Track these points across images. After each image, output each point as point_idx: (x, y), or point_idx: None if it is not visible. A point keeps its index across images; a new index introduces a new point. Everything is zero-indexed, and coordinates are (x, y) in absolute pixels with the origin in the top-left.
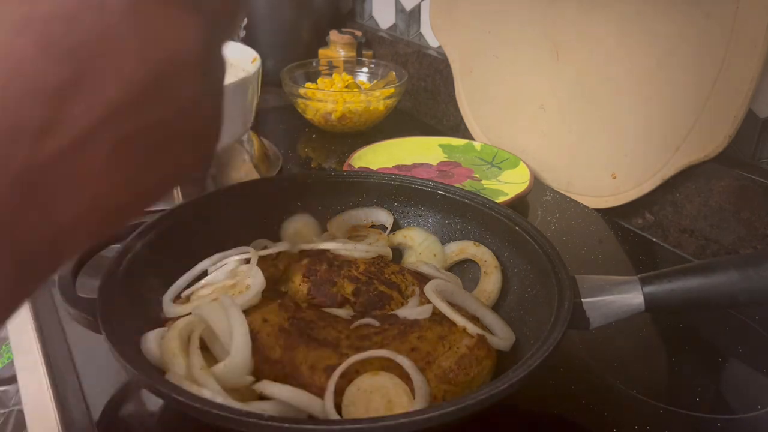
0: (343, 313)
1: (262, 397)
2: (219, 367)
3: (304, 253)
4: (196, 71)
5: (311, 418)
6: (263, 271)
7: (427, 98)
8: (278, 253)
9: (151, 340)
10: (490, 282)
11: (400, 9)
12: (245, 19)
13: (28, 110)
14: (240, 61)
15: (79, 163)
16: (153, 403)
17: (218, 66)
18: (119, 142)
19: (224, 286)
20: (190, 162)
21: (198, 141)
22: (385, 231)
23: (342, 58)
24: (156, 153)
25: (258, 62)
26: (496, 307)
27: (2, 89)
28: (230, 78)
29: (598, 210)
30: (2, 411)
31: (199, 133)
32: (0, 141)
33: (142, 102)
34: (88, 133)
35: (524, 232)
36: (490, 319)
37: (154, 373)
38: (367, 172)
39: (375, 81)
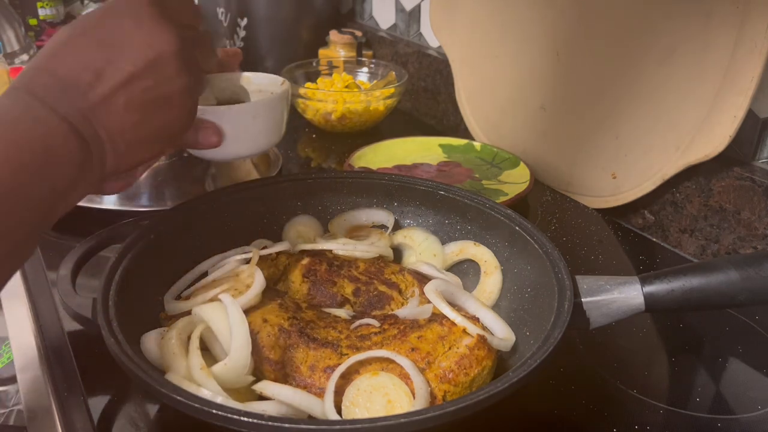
0: (343, 313)
1: (262, 397)
2: (219, 367)
3: (304, 253)
4: (173, 62)
5: (311, 418)
6: (263, 271)
7: (427, 98)
8: (278, 253)
9: (151, 340)
10: (490, 282)
11: (400, 9)
12: (245, 19)
13: (85, 75)
14: (269, 85)
15: (108, 107)
16: (153, 403)
17: (191, 61)
18: (129, 97)
19: (224, 286)
20: (172, 121)
21: (176, 104)
22: (385, 231)
23: (342, 58)
24: (151, 107)
25: (286, 85)
26: (496, 307)
27: (72, 61)
28: (260, 97)
29: (598, 210)
30: (2, 411)
31: (176, 101)
32: (69, 88)
33: (141, 76)
34: (113, 90)
35: (524, 232)
36: (490, 319)
37: (154, 373)
38: (367, 173)
39: (375, 81)
